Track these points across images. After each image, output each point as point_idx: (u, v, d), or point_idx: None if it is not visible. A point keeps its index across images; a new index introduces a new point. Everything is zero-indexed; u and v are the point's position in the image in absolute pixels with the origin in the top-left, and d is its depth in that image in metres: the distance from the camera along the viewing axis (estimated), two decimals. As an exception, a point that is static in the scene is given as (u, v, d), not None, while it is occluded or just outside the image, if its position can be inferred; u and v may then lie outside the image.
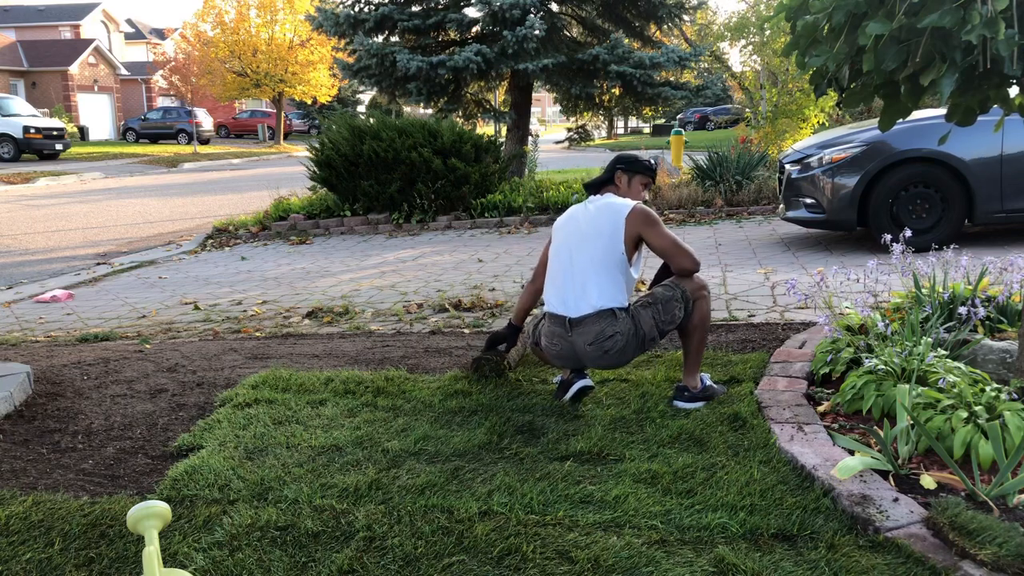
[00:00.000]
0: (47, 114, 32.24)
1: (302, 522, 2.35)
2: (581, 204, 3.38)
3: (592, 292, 3.16)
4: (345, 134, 9.98)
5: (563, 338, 3.21)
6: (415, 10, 11.62)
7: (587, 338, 3.14)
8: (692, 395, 3.20)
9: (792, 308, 4.78)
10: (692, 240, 7.93)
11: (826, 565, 2.03)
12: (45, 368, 4.06)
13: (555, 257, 3.31)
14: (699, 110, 39.67)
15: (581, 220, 3.29)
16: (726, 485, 2.46)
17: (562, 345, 3.22)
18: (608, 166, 3.47)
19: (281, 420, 3.22)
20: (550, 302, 3.28)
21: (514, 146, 12.17)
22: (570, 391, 3.25)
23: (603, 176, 3.45)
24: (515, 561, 2.11)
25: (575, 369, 3.31)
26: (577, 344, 3.18)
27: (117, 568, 2.18)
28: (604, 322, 3.13)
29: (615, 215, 3.21)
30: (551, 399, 3.30)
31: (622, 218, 3.19)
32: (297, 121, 45.01)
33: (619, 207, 3.24)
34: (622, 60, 10.98)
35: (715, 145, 12.28)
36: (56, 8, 45.96)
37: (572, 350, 3.21)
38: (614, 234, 3.18)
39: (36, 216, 13.06)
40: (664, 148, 15.03)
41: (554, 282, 3.28)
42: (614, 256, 3.18)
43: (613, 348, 3.14)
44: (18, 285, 7.40)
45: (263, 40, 32.80)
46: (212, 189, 17.50)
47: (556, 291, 3.26)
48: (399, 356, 4.15)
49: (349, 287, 6.50)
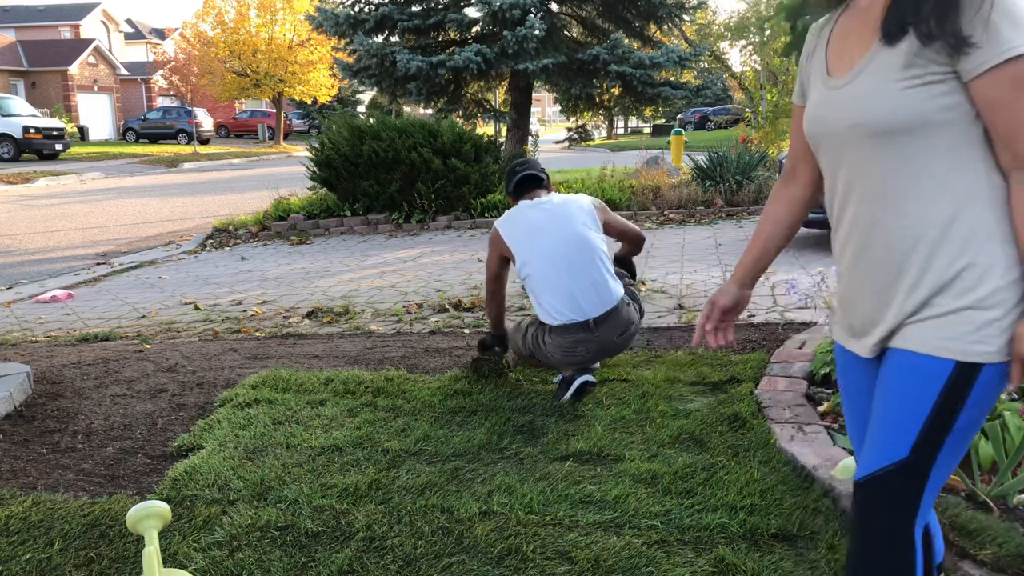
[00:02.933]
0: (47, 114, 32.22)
1: (302, 522, 2.35)
2: (529, 209, 3.31)
3: (605, 286, 3.23)
4: (345, 134, 9.98)
5: (589, 341, 3.21)
6: (415, 10, 11.63)
7: (616, 330, 3.24)
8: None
9: (792, 308, 4.78)
10: (692, 240, 7.93)
11: (826, 565, 2.03)
12: (45, 368, 4.06)
13: (550, 268, 3.21)
14: (699, 110, 39.65)
15: (556, 223, 3.24)
16: (726, 485, 2.46)
17: (587, 348, 3.22)
18: (539, 170, 3.46)
19: (281, 420, 3.22)
20: (560, 313, 3.19)
21: (514, 146, 12.17)
22: (573, 386, 3.25)
23: (535, 179, 3.42)
24: (515, 561, 2.11)
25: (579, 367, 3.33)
26: (606, 340, 3.23)
27: (117, 568, 2.18)
28: (624, 309, 3.27)
29: (584, 210, 3.31)
30: (551, 399, 3.30)
31: (593, 210, 3.34)
32: (297, 121, 44.98)
33: (582, 202, 3.35)
34: (622, 60, 10.98)
35: (715, 145, 12.28)
36: (56, 8, 45.95)
37: (599, 348, 3.25)
38: (596, 226, 3.31)
39: (36, 216, 13.06)
40: (664, 148, 15.03)
41: (559, 292, 3.20)
42: (604, 247, 3.30)
43: (635, 329, 3.35)
44: (18, 285, 7.40)
45: (263, 40, 32.78)
46: (212, 189, 17.50)
47: (566, 300, 3.19)
48: (399, 356, 4.15)
49: (349, 287, 6.50)
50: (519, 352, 3.52)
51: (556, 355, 3.27)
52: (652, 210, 9.83)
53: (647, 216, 9.68)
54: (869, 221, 1.33)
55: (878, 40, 1.29)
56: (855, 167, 1.33)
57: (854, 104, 1.30)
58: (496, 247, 3.39)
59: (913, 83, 1.24)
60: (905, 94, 1.25)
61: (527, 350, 3.43)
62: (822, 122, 1.37)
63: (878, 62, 1.28)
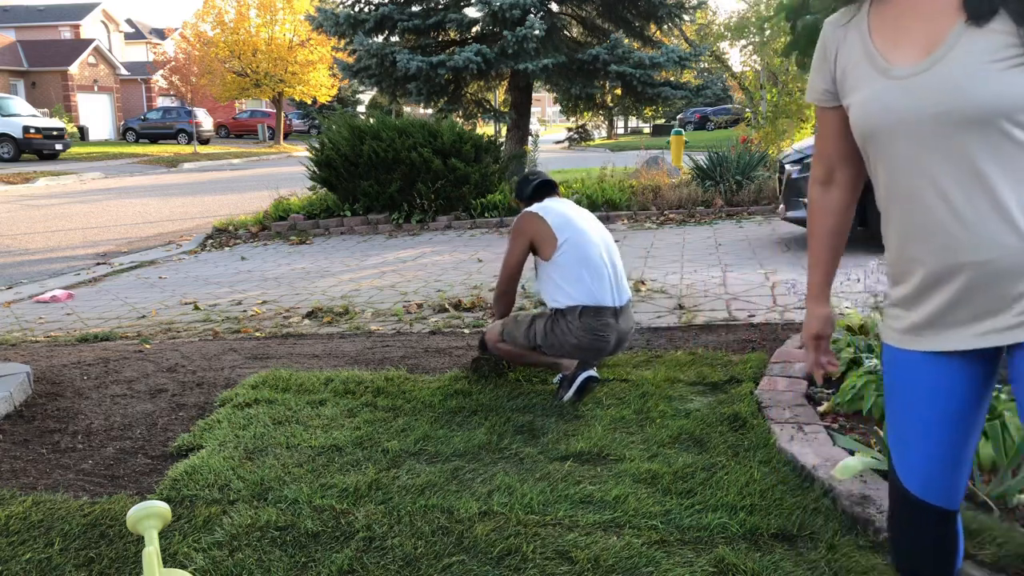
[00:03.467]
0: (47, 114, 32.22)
1: (302, 522, 2.35)
2: (557, 203, 3.51)
3: (625, 280, 3.46)
4: (345, 134, 9.98)
5: (613, 328, 3.34)
6: (415, 10, 11.62)
7: (630, 322, 3.45)
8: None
9: (792, 308, 4.78)
10: (692, 240, 7.93)
11: (826, 565, 2.03)
12: (45, 368, 4.06)
13: (591, 248, 3.35)
14: (699, 110, 39.65)
15: (589, 215, 3.51)
16: (726, 485, 2.46)
17: (608, 335, 3.33)
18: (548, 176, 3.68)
19: (281, 420, 3.22)
20: (594, 297, 3.30)
21: (514, 146, 12.17)
22: (577, 381, 3.28)
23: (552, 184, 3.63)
24: (515, 561, 2.11)
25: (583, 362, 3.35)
26: (623, 329, 3.39)
27: (117, 568, 2.18)
28: (631, 309, 3.49)
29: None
30: (551, 399, 3.30)
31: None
32: (297, 121, 44.97)
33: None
34: (622, 60, 10.97)
35: (715, 145, 12.27)
36: (56, 8, 45.95)
37: (617, 338, 3.38)
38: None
39: (36, 216, 13.06)
40: (664, 148, 15.03)
41: (597, 276, 3.32)
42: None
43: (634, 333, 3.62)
44: (18, 285, 7.40)
45: (263, 40, 32.78)
46: (212, 189, 17.50)
47: (602, 285, 3.33)
48: (399, 356, 4.15)
49: (349, 287, 6.50)
50: (518, 346, 3.49)
51: (584, 339, 3.29)
52: (652, 210, 9.83)
53: (647, 216, 9.68)
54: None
55: (961, 21, 1.22)
56: (939, 156, 1.24)
57: (942, 90, 1.22)
58: (524, 236, 3.42)
59: (1015, 63, 1.17)
60: (1007, 75, 1.17)
61: (531, 342, 3.40)
62: (889, 113, 1.28)
63: (965, 44, 1.21)
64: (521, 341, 3.46)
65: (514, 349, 3.49)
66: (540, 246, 3.38)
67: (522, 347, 3.48)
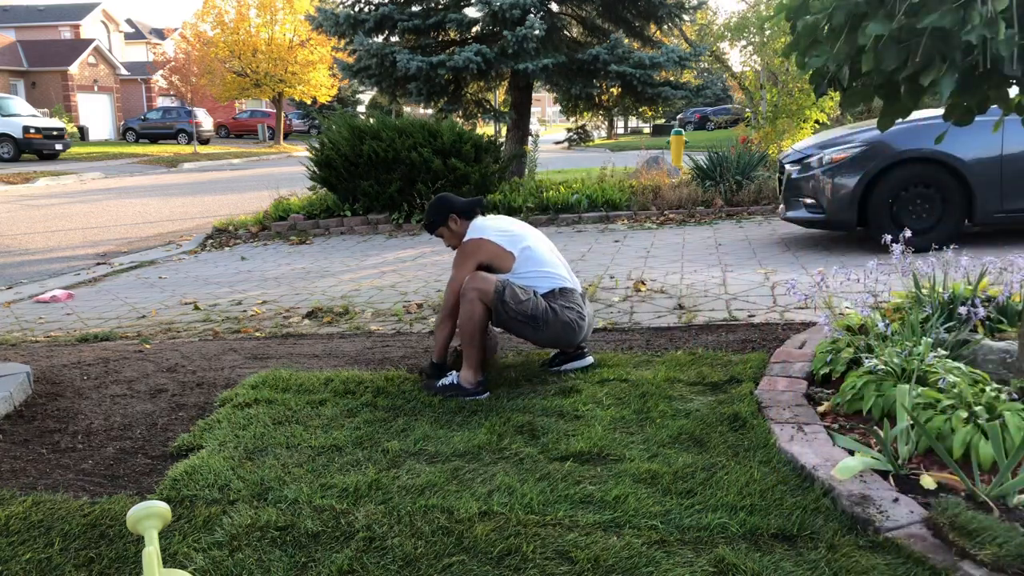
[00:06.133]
0: (47, 114, 32.24)
1: (302, 522, 2.35)
2: (497, 218, 3.76)
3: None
4: (345, 134, 9.98)
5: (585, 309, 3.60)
6: (415, 10, 11.61)
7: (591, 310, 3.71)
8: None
9: (792, 308, 4.78)
10: (692, 240, 7.93)
11: (826, 565, 2.03)
12: (45, 368, 4.06)
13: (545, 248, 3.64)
14: (699, 110, 39.68)
15: (524, 224, 3.77)
16: (726, 485, 2.46)
17: (584, 312, 3.58)
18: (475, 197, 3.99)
19: (281, 420, 3.22)
20: (565, 281, 3.58)
21: (514, 146, 12.17)
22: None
23: (482, 203, 3.85)
24: (515, 561, 2.11)
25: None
26: (589, 313, 3.65)
27: (117, 568, 2.18)
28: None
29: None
30: (551, 399, 3.30)
31: None
32: (297, 121, 44.99)
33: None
34: (622, 60, 10.97)
35: (715, 145, 12.27)
36: (56, 8, 45.97)
37: (588, 322, 3.62)
38: None
39: (36, 216, 13.06)
40: (664, 148, 15.02)
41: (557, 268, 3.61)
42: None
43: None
44: (18, 285, 7.40)
45: (263, 40, 32.79)
46: (212, 189, 17.50)
47: (565, 274, 3.62)
48: (399, 356, 4.15)
49: (349, 287, 6.50)
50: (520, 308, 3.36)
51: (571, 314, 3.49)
52: (652, 210, 9.83)
53: (647, 216, 9.68)
54: None
55: None
56: None
57: None
58: (474, 259, 3.52)
59: None
60: None
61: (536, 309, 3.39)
62: None
63: None
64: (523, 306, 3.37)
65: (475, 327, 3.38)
66: (497, 263, 3.53)
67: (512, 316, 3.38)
